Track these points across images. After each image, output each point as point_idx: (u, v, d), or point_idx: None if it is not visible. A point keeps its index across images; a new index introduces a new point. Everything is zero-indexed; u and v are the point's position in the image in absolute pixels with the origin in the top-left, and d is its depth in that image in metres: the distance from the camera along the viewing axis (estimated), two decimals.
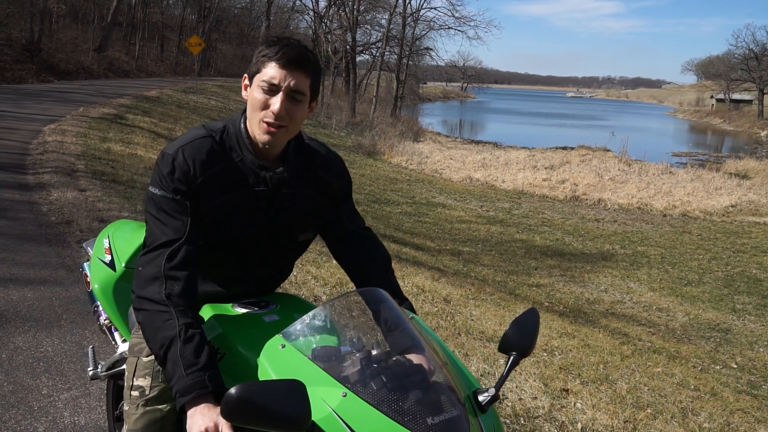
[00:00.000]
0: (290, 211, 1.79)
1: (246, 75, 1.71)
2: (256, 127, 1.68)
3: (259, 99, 1.64)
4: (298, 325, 1.53)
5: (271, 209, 1.76)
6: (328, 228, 1.95)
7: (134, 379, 1.77)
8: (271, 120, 1.64)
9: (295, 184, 1.78)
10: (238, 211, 1.72)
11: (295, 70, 1.63)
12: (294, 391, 1.24)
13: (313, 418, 1.31)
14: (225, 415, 1.22)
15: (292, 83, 1.63)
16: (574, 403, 3.96)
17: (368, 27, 43.27)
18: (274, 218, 1.77)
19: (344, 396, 1.35)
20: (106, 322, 2.47)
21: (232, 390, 1.20)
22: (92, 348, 2.57)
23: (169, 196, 1.63)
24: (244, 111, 1.75)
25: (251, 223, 1.75)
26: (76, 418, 3.06)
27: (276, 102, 1.63)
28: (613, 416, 3.85)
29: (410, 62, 43.16)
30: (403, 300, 1.84)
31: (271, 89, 1.63)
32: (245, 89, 1.72)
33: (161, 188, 1.64)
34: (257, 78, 1.65)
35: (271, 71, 1.62)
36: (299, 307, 1.89)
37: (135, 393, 1.76)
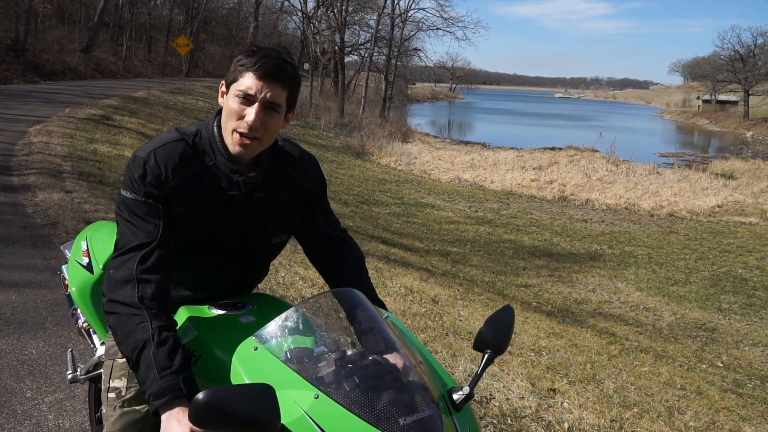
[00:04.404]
0: (263, 214, 1.79)
1: (223, 82, 1.69)
2: (229, 136, 1.66)
3: (235, 108, 1.63)
4: (271, 327, 1.51)
5: (245, 213, 1.76)
6: (302, 229, 1.95)
7: (111, 380, 1.76)
8: (244, 131, 1.63)
9: (269, 186, 1.78)
10: (210, 214, 1.71)
11: (273, 82, 1.61)
12: (263, 395, 1.23)
13: (284, 421, 1.30)
14: (193, 420, 1.20)
15: (268, 95, 1.61)
16: (561, 403, 3.98)
17: (357, 28, 43.31)
18: (247, 222, 1.77)
19: (316, 398, 1.34)
20: (85, 325, 2.45)
21: (200, 395, 1.19)
22: (71, 351, 2.55)
23: (141, 199, 1.62)
24: (218, 114, 1.74)
25: (224, 227, 1.75)
26: (60, 421, 3.03)
27: (251, 113, 1.62)
28: (599, 416, 3.87)
29: (399, 63, 43.16)
30: (377, 301, 1.84)
31: (247, 99, 1.61)
32: (222, 96, 1.70)
33: (133, 191, 1.63)
34: (234, 87, 1.63)
35: (248, 81, 1.61)
36: (276, 307, 1.87)
37: (112, 395, 1.74)
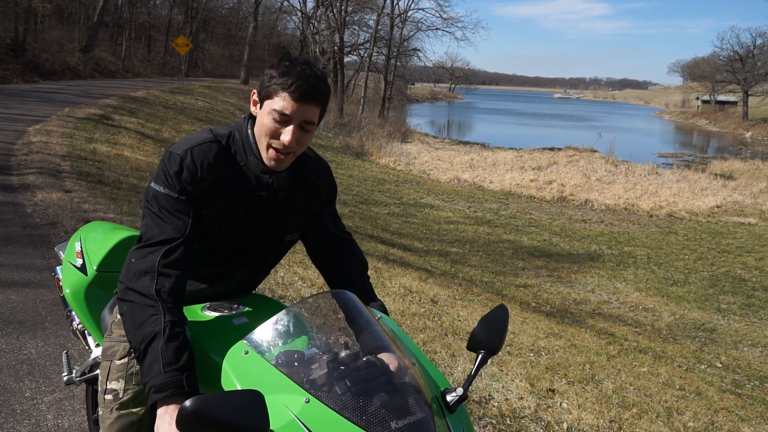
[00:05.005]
0: (284, 213, 1.84)
1: (255, 91, 1.72)
2: (264, 150, 1.71)
3: (269, 127, 1.66)
4: (262, 330, 1.51)
5: (269, 212, 1.80)
6: (311, 230, 1.98)
7: (107, 382, 1.76)
8: (280, 148, 1.68)
9: (289, 186, 1.83)
10: (238, 213, 1.75)
11: (308, 103, 1.65)
12: (251, 402, 1.22)
13: (274, 426, 1.29)
14: (180, 427, 1.19)
15: (304, 116, 1.65)
16: (560, 403, 3.98)
17: (356, 28, 43.28)
18: (270, 220, 1.81)
19: (307, 402, 1.33)
20: (80, 326, 2.44)
21: (187, 402, 1.18)
22: (66, 353, 2.55)
23: (174, 195, 1.64)
24: (250, 116, 1.77)
25: (249, 225, 1.79)
26: (59, 421, 3.03)
27: (287, 133, 1.65)
28: (598, 416, 3.87)
29: (398, 63, 43.17)
30: (376, 301, 1.87)
31: (283, 120, 1.65)
32: (254, 105, 1.73)
33: (167, 186, 1.65)
34: (268, 104, 1.66)
35: (284, 102, 1.63)
36: (270, 308, 1.87)
37: (108, 397, 1.75)
